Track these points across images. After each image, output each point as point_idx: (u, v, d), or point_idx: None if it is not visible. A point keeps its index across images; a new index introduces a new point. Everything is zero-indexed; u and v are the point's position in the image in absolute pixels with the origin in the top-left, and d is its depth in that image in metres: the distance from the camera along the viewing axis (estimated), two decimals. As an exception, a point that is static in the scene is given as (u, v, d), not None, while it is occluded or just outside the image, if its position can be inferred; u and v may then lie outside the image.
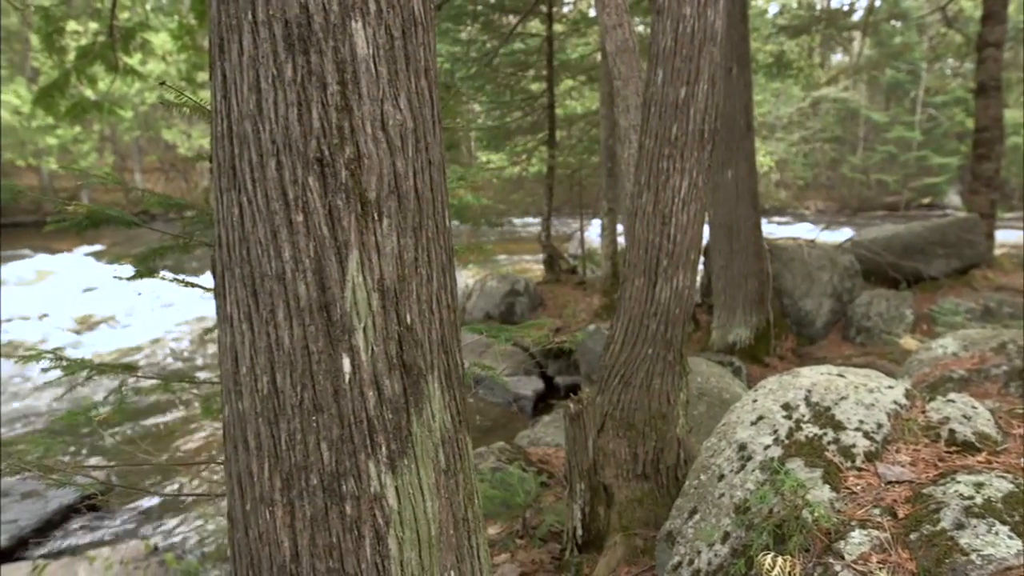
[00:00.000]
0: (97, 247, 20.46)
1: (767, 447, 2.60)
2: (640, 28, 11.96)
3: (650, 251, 3.37)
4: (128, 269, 2.60)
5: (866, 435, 2.51)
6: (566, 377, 8.86)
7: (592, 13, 14.76)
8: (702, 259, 6.40)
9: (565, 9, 14.74)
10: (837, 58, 36.20)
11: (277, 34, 1.36)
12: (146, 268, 2.51)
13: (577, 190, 13.53)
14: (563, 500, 3.96)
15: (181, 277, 2.62)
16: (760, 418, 2.76)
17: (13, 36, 26.96)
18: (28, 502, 5.80)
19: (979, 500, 2.03)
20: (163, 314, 12.51)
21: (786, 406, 2.75)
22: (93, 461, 6.11)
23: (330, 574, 1.44)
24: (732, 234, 8.26)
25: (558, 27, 12.76)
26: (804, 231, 19.49)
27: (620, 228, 11.45)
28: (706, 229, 7.99)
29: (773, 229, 20.87)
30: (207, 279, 3.08)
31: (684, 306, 3.44)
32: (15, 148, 25.35)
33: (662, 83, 3.32)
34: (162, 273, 2.58)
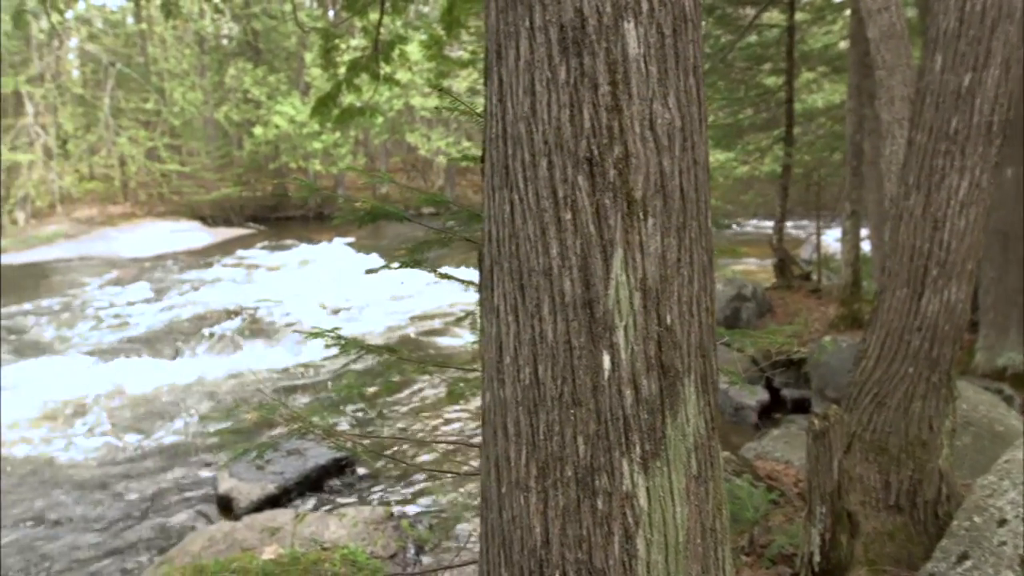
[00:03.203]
0: (349, 239, 22.93)
1: (1066, 494, 2.21)
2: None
3: (916, 259, 3.03)
4: (392, 260, 2.89)
5: None
6: (794, 390, 8.29)
7: (839, -2, 13.59)
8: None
9: (808, -4, 13.72)
10: None
11: (552, 38, 1.41)
12: (412, 259, 2.77)
13: (814, 190, 12.53)
14: (796, 521, 3.70)
15: (442, 270, 2.85)
16: (1057, 459, 2.36)
17: (292, 56, 31.18)
18: (292, 458, 6.68)
19: None
20: (413, 302, 13.61)
21: (1094, 448, 2.32)
22: (346, 429, 6.87)
23: (578, 565, 1.46)
24: (1009, 242, 7.15)
25: (800, 15, 11.90)
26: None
27: (864, 232, 10.44)
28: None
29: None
30: (460, 272, 3.32)
31: (956, 322, 3.04)
32: (289, 152, 29.32)
33: (940, 70, 2.96)
34: (425, 265, 2.83)
